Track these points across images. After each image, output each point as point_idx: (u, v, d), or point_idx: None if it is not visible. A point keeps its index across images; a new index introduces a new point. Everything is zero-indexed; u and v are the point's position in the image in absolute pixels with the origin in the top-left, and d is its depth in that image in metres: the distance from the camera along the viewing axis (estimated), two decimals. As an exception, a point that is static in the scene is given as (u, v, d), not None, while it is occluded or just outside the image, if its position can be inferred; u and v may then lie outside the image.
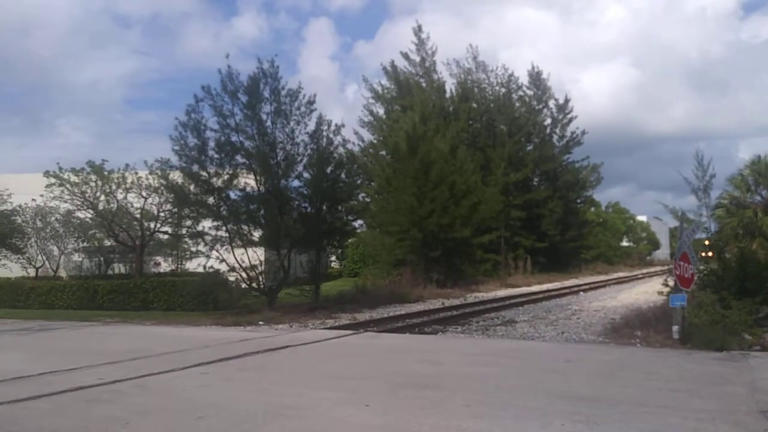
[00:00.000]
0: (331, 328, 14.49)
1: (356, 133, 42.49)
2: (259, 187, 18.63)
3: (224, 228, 18.45)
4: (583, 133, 48.57)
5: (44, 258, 27.69)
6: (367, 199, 32.90)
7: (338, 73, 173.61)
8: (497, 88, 47.56)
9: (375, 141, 41.40)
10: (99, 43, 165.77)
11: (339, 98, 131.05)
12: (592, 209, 62.84)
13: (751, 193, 20.12)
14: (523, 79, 48.92)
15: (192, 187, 18.25)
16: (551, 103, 49.00)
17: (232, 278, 18.84)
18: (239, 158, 18.58)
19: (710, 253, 14.26)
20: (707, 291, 12.56)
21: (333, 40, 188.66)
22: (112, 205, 24.33)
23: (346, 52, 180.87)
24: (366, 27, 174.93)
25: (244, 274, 18.50)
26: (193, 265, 23.79)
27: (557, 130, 49.27)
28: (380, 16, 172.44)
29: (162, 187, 20.78)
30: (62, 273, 28.31)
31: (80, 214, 25.65)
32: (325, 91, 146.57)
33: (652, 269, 56.75)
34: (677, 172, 34.08)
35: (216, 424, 5.60)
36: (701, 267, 12.94)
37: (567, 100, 48.97)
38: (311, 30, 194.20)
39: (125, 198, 24.38)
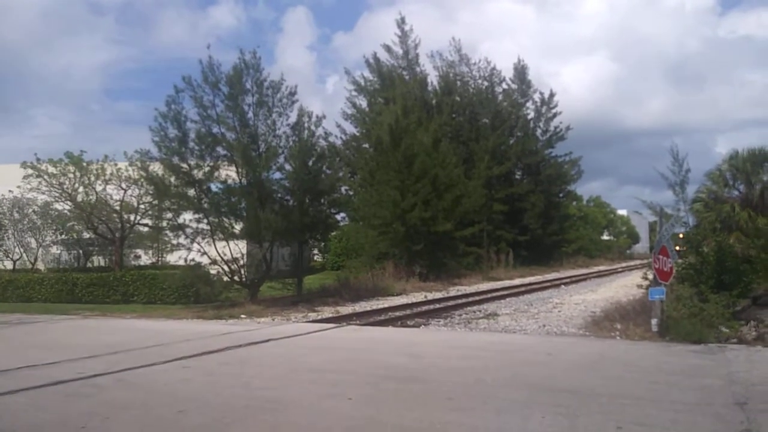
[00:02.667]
0: (313, 321, 14.47)
1: (339, 126, 42.47)
2: (240, 179, 18.50)
3: (205, 220, 18.30)
4: (568, 128, 48.84)
5: (22, 250, 27.30)
6: (351, 192, 32.88)
7: (316, 64, 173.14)
8: (480, 81, 47.66)
9: (358, 134, 41.38)
10: (73, 30, 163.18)
11: (317, 89, 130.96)
12: (574, 203, 63.34)
13: (728, 187, 20.33)
14: (506, 72, 49.12)
15: (173, 179, 18.05)
16: (536, 97, 49.26)
17: (213, 271, 18.70)
18: (220, 150, 18.45)
19: (684, 248, 14.41)
20: (685, 284, 12.72)
21: (311, 30, 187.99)
22: (90, 196, 24.08)
23: (324, 43, 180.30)
24: (345, 17, 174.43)
25: (225, 267, 18.38)
26: (174, 258, 23.60)
27: (541, 124, 49.49)
28: (359, 6, 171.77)
29: (142, 179, 20.54)
30: (40, 265, 27.93)
31: (58, 206, 25.34)
32: (302, 82, 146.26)
33: (632, 263, 57.45)
34: (653, 167, 34.44)
35: (197, 418, 5.57)
36: (679, 261, 13.10)
37: (552, 95, 49.19)
38: (289, 20, 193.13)
39: (104, 190, 24.14)
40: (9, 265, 26.65)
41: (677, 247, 14.25)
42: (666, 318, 10.41)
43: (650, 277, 11.64)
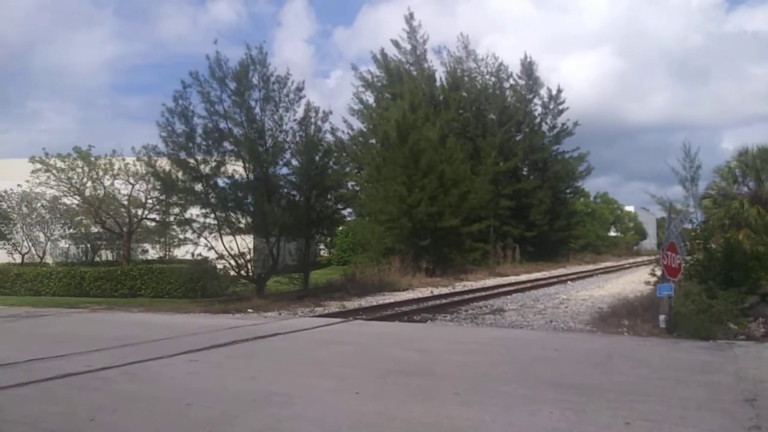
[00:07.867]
0: (320, 315, 14.49)
1: (345, 121, 42.49)
2: (247, 175, 18.52)
3: (212, 215, 18.34)
4: (575, 124, 48.62)
5: (30, 244, 27.39)
6: (357, 188, 32.89)
7: (314, 58, 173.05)
8: (487, 77, 47.51)
9: (365, 129, 41.38)
10: (75, 23, 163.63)
11: (315, 84, 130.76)
12: (581, 199, 63.13)
13: (738, 184, 20.26)
14: (512, 67, 48.93)
15: (180, 174, 18.09)
16: (542, 92, 49.04)
17: (220, 266, 18.75)
18: (227, 145, 18.45)
19: (689, 243, 14.31)
20: (694, 281, 12.67)
21: (310, 23, 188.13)
22: (99, 191, 24.16)
23: (324, 37, 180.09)
24: (344, 11, 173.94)
25: (232, 262, 18.42)
26: (182, 253, 23.66)
27: (548, 120, 49.30)
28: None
29: (149, 175, 20.59)
30: (48, 259, 28.04)
31: (66, 200, 25.42)
32: (301, 76, 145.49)
33: (639, 259, 57.24)
34: (664, 162, 34.55)
35: (205, 412, 5.58)
36: (688, 257, 13.04)
37: (559, 90, 48.95)
38: (288, 12, 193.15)
39: (112, 184, 24.21)
40: (18, 258, 26.78)
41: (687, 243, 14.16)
42: (674, 314, 10.37)
43: (658, 273, 11.59)
